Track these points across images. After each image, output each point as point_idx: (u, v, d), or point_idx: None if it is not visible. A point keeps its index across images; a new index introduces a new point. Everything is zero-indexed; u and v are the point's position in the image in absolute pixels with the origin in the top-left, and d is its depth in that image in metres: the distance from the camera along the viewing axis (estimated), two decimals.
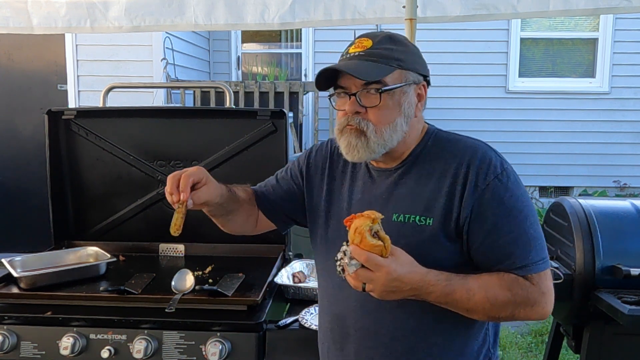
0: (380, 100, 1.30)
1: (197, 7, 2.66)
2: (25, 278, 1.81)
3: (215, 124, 2.23)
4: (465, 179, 1.29)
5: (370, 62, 1.31)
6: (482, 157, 1.32)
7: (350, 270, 1.18)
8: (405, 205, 1.34)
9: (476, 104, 7.04)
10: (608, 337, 2.05)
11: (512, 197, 1.29)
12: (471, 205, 1.27)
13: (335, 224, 1.44)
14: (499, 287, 1.25)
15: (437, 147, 1.38)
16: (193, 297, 1.72)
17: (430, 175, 1.34)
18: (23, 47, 5.42)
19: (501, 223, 1.27)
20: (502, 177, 1.30)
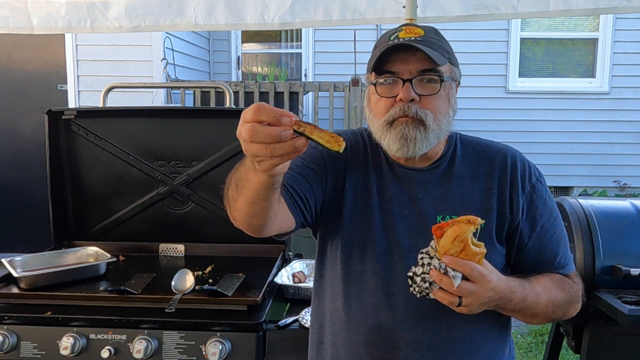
0: (439, 89, 1.24)
1: (197, 7, 2.66)
2: (25, 278, 1.81)
3: (215, 124, 2.23)
4: (512, 181, 1.29)
5: (430, 49, 1.21)
6: (521, 159, 1.34)
7: (455, 283, 1.05)
8: (449, 205, 1.28)
9: (476, 104, 7.04)
10: (608, 337, 2.05)
11: (550, 199, 1.33)
12: (521, 206, 1.28)
13: (362, 223, 1.31)
14: (556, 288, 1.26)
15: (469, 149, 1.35)
16: (193, 297, 1.72)
17: (473, 177, 1.31)
18: (23, 47, 5.42)
19: (547, 224, 1.30)
20: (541, 179, 1.34)
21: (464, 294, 1.07)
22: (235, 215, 1.17)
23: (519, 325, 4.08)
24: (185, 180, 2.22)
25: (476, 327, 1.27)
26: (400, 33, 1.25)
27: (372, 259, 1.28)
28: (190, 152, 2.21)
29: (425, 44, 1.22)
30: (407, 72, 1.23)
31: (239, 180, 1.07)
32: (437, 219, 1.26)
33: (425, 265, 1.09)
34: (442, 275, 1.06)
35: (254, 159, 0.92)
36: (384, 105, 1.26)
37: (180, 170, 2.23)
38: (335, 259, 1.33)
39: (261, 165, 0.93)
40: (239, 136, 0.91)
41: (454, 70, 1.30)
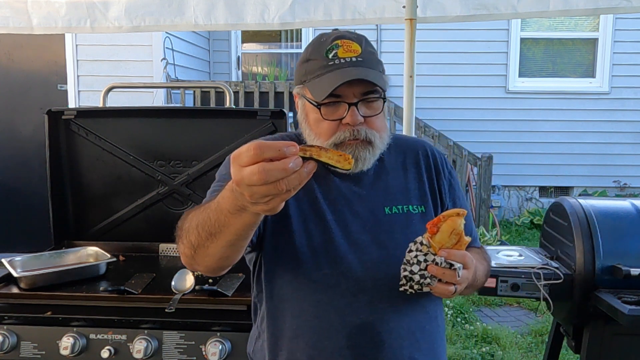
0: (382, 108, 1.29)
1: (197, 7, 2.66)
2: (25, 278, 1.81)
3: (215, 124, 2.23)
4: (436, 168, 1.42)
5: (371, 69, 1.25)
6: (435, 148, 1.48)
7: (460, 274, 1.10)
8: (391, 197, 1.35)
9: (476, 104, 7.04)
10: (608, 337, 2.05)
11: (459, 182, 1.49)
12: (445, 190, 1.41)
13: (317, 227, 1.29)
14: (482, 259, 1.39)
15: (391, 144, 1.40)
16: (193, 297, 1.72)
17: (404, 168, 1.40)
18: (23, 47, 5.42)
19: (462, 204, 1.44)
20: (451, 165, 1.49)
21: (463, 281, 1.14)
22: (203, 261, 1.11)
23: (519, 325, 4.08)
24: (185, 180, 2.22)
25: (436, 304, 1.36)
26: (339, 51, 1.25)
27: (337, 260, 1.28)
28: (190, 152, 2.21)
29: (366, 63, 1.25)
30: (352, 95, 1.24)
31: (212, 226, 1.01)
32: (385, 211, 1.32)
33: (422, 262, 1.12)
34: (443, 269, 1.11)
35: (261, 199, 0.86)
36: (329, 127, 1.26)
37: (180, 170, 2.23)
38: (294, 271, 1.28)
39: (269, 204, 0.87)
40: (240, 183, 0.84)
41: (386, 81, 1.30)
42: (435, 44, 6.56)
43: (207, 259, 1.10)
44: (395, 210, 1.33)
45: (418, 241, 1.14)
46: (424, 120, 5.95)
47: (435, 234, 1.11)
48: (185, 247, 1.12)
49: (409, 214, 1.34)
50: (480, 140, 6.81)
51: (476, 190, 6.06)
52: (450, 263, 1.11)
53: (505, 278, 2.05)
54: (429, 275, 1.12)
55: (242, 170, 0.83)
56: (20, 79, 5.48)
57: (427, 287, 1.14)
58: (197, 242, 1.07)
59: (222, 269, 1.17)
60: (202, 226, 1.04)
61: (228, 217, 0.96)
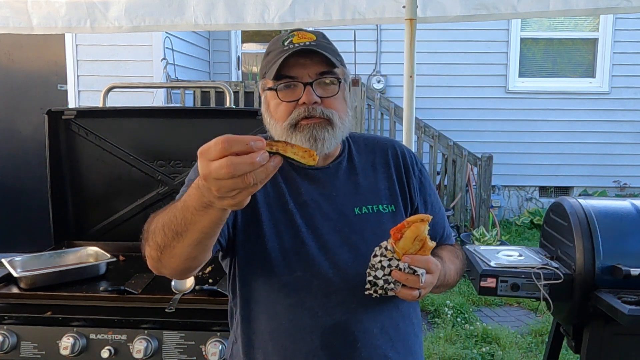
0: (338, 90, 1.29)
1: (197, 7, 2.66)
2: (25, 278, 1.81)
3: (215, 124, 2.23)
4: (406, 167, 1.43)
5: (325, 52, 1.25)
6: (405, 147, 1.49)
7: (422, 280, 1.12)
8: (361, 197, 1.35)
9: (476, 104, 7.04)
10: (608, 337, 2.05)
11: (430, 179, 1.49)
12: (415, 189, 1.42)
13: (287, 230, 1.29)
14: (455, 257, 1.41)
15: (361, 144, 1.45)
16: (193, 297, 1.72)
17: (373, 168, 1.41)
18: (23, 47, 5.42)
19: (434, 202, 1.46)
20: (422, 164, 1.50)
21: (428, 286, 1.15)
22: (169, 262, 1.09)
23: (519, 325, 4.08)
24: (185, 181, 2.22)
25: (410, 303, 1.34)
26: (294, 39, 1.28)
27: (308, 262, 1.28)
28: (190, 152, 2.20)
29: (320, 48, 1.26)
30: (307, 75, 1.26)
31: (178, 225, 1.00)
32: (355, 211, 1.33)
33: (386, 267, 1.13)
34: (407, 274, 1.12)
35: (229, 194, 0.86)
36: (285, 109, 1.27)
37: (180, 170, 2.23)
38: (267, 274, 1.29)
39: (236, 198, 0.87)
40: (208, 177, 0.84)
41: (346, 72, 1.34)
42: (435, 44, 6.56)
43: (173, 260, 1.09)
44: (365, 210, 1.34)
45: (383, 246, 1.15)
46: (424, 120, 5.95)
47: (399, 240, 1.11)
48: (151, 250, 1.12)
49: (379, 214, 1.34)
50: (480, 140, 6.81)
51: (476, 190, 6.06)
52: (413, 269, 1.11)
53: (505, 278, 2.05)
54: (393, 281, 1.13)
55: (210, 164, 0.85)
56: (20, 79, 5.48)
57: (392, 292, 1.15)
58: (164, 243, 1.06)
59: (189, 270, 1.15)
60: (169, 226, 1.03)
61: (194, 214, 0.96)
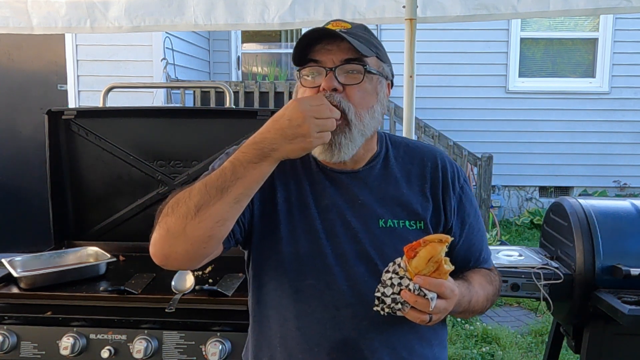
0: (362, 79, 1.20)
1: (197, 7, 2.66)
2: (25, 278, 1.81)
3: (215, 124, 2.23)
4: (445, 183, 1.32)
5: (356, 40, 1.18)
6: (449, 161, 1.37)
7: (432, 304, 1.04)
8: (389, 209, 1.27)
9: (476, 104, 7.04)
10: (608, 337, 2.05)
11: (473, 198, 1.40)
12: (453, 207, 1.32)
13: (305, 235, 1.25)
14: (487, 283, 1.33)
15: (400, 151, 1.35)
16: (193, 297, 1.72)
17: (407, 179, 1.31)
18: (23, 47, 5.42)
19: (474, 222, 1.36)
20: (466, 180, 1.38)
21: (439, 312, 1.08)
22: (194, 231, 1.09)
23: (519, 325, 4.08)
24: (185, 180, 2.22)
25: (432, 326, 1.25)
26: (328, 26, 1.23)
27: (323, 271, 1.23)
28: (190, 152, 2.21)
29: (351, 35, 1.19)
30: (330, 61, 1.20)
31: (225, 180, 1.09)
32: (379, 224, 1.25)
33: (395, 285, 1.06)
34: (416, 296, 1.05)
35: (312, 134, 1.08)
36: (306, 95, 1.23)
37: (180, 170, 2.22)
38: (280, 278, 1.26)
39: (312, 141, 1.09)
40: (306, 114, 1.07)
41: (383, 67, 1.27)
42: (435, 44, 6.56)
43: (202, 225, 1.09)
44: (390, 223, 1.25)
45: (397, 262, 1.08)
46: (424, 120, 5.95)
47: (413, 259, 1.04)
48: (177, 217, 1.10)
49: (404, 230, 1.26)
50: (480, 140, 6.81)
51: (476, 190, 6.06)
52: (424, 292, 1.04)
53: (505, 278, 2.05)
54: (402, 301, 1.06)
55: (312, 107, 1.09)
56: (20, 79, 5.48)
57: (400, 312, 1.08)
58: (201, 203, 1.09)
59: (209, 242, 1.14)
60: (213, 183, 1.10)
61: (247, 167, 1.09)
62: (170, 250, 1.14)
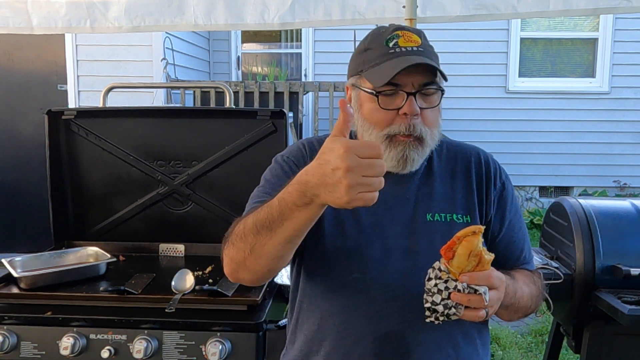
0: (439, 102, 1.25)
1: (197, 7, 2.66)
2: (25, 278, 1.81)
3: (215, 124, 2.23)
4: (487, 177, 1.34)
5: (431, 60, 1.22)
6: (492, 158, 1.39)
7: (486, 298, 1.01)
8: (436, 204, 1.29)
9: (476, 104, 7.04)
10: (608, 337, 2.05)
11: (515, 197, 1.39)
12: (493, 203, 1.33)
13: (350, 230, 1.27)
14: (530, 282, 1.31)
15: (443, 148, 1.37)
16: (193, 297, 1.72)
17: (452, 175, 1.34)
18: (23, 47, 5.42)
19: (514, 220, 1.35)
20: (508, 178, 1.38)
21: (494, 304, 1.07)
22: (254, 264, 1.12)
23: (519, 325, 4.08)
24: (185, 180, 2.22)
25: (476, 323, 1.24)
26: (400, 40, 1.23)
27: (370, 265, 1.25)
28: (190, 152, 2.21)
29: (426, 54, 1.22)
30: (410, 85, 1.21)
31: (273, 221, 1.04)
32: (427, 217, 1.27)
33: (443, 290, 1.03)
34: (468, 295, 1.03)
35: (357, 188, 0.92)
36: (384, 117, 1.23)
37: (180, 170, 2.23)
38: (326, 273, 1.28)
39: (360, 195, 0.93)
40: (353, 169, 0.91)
41: (443, 82, 1.28)
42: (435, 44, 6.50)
43: (259, 261, 1.11)
44: (437, 217, 1.27)
45: (436, 267, 1.05)
46: None
47: (452, 259, 1.02)
48: (236, 252, 1.13)
49: (452, 223, 1.27)
50: (480, 140, 6.79)
51: None
52: (474, 288, 1.02)
53: None
54: (454, 304, 1.03)
55: (360, 160, 0.92)
56: (20, 79, 5.48)
57: (455, 316, 1.05)
58: (255, 242, 1.09)
59: (271, 272, 1.18)
60: (262, 223, 1.06)
61: (293, 210, 1.01)
62: (238, 276, 1.20)
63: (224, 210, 2.22)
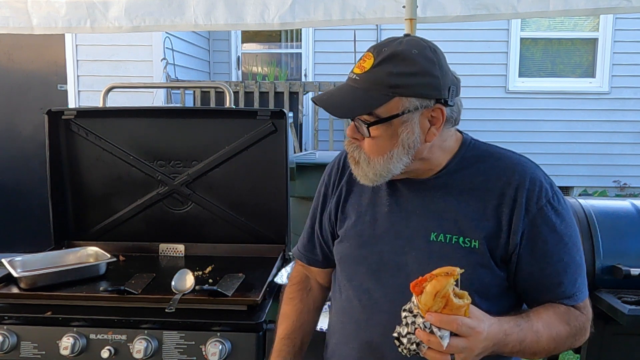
0: (369, 134, 1.18)
1: (197, 7, 2.66)
2: (25, 278, 1.81)
3: (215, 124, 2.23)
4: (514, 202, 1.19)
5: (360, 92, 1.16)
6: (532, 177, 1.22)
7: (444, 343, 0.98)
8: (445, 223, 1.21)
9: (476, 104, 7.04)
10: (608, 337, 2.05)
11: (563, 223, 1.22)
12: (521, 230, 1.19)
13: (357, 239, 1.31)
14: (559, 322, 1.19)
15: (478, 160, 1.27)
16: (193, 297, 1.72)
17: (472, 192, 1.22)
18: (23, 47, 5.42)
19: (552, 251, 1.20)
20: (554, 201, 1.22)
21: (456, 351, 1.01)
22: None
23: None
24: (185, 180, 2.22)
25: None
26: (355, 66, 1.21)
27: (366, 276, 1.28)
28: (190, 152, 2.21)
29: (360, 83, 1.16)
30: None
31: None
32: (431, 236, 1.21)
33: (410, 324, 1.02)
34: (429, 335, 1.00)
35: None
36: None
37: (180, 170, 2.23)
38: (338, 275, 1.37)
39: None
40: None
41: (407, 104, 1.16)
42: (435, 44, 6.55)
43: None
44: (442, 238, 1.20)
45: (412, 300, 1.03)
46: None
47: (421, 295, 0.99)
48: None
49: (455, 247, 1.19)
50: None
51: None
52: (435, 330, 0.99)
53: None
54: (417, 341, 1.02)
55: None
56: (20, 79, 5.48)
57: (417, 352, 1.03)
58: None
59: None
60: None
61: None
62: None
63: (224, 210, 2.22)
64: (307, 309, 1.49)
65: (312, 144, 6.22)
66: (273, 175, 2.14)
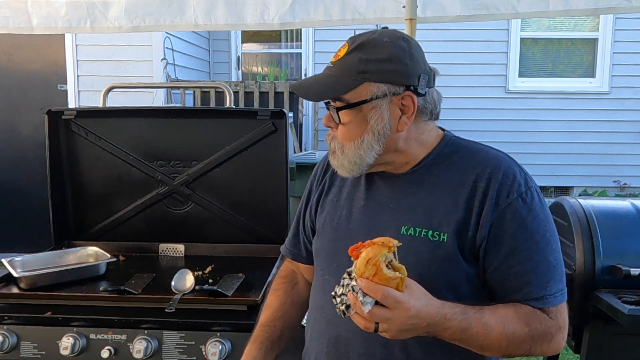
0: (339, 119, 1.22)
1: (197, 7, 2.66)
2: (25, 278, 1.81)
3: (215, 124, 2.23)
4: (485, 194, 1.17)
5: (332, 78, 1.21)
6: (505, 171, 1.20)
7: (365, 309, 1.00)
8: (416, 217, 1.20)
9: (476, 104, 7.04)
10: (608, 337, 2.05)
11: (535, 220, 1.18)
12: (489, 224, 1.16)
13: (331, 233, 1.32)
14: (517, 321, 1.14)
15: (455, 156, 1.26)
16: (193, 297, 1.72)
17: (445, 186, 1.21)
18: (23, 47, 5.42)
19: (520, 247, 1.16)
20: (526, 196, 1.18)
21: (378, 320, 1.03)
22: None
23: None
24: (185, 180, 2.22)
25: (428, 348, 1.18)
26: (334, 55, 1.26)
27: (336, 269, 1.25)
28: (190, 152, 2.22)
29: (332, 69, 1.22)
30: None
31: None
32: (402, 230, 1.20)
33: (345, 286, 1.05)
34: (356, 298, 1.02)
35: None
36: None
37: (180, 170, 2.23)
38: (315, 269, 1.40)
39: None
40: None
41: (376, 89, 1.17)
42: (435, 44, 6.55)
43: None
44: (411, 232, 1.19)
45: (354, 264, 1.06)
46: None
47: (357, 259, 1.02)
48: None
49: (424, 240, 1.18)
50: (480, 141, 6.81)
51: None
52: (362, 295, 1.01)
53: None
54: (348, 303, 1.04)
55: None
56: (20, 79, 5.48)
57: (346, 314, 1.06)
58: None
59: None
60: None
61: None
62: None
63: (224, 210, 2.22)
64: (290, 301, 1.48)
65: (312, 144, 6.22)
66: (273, 175, 2.14)
